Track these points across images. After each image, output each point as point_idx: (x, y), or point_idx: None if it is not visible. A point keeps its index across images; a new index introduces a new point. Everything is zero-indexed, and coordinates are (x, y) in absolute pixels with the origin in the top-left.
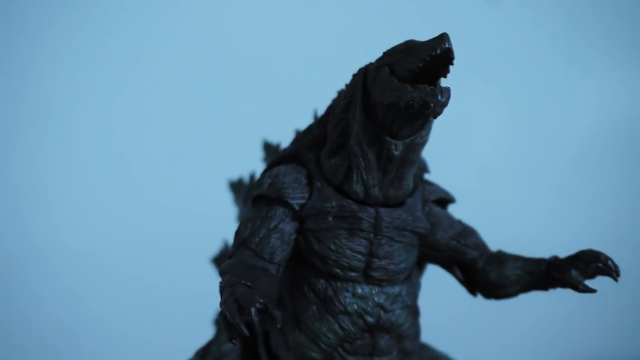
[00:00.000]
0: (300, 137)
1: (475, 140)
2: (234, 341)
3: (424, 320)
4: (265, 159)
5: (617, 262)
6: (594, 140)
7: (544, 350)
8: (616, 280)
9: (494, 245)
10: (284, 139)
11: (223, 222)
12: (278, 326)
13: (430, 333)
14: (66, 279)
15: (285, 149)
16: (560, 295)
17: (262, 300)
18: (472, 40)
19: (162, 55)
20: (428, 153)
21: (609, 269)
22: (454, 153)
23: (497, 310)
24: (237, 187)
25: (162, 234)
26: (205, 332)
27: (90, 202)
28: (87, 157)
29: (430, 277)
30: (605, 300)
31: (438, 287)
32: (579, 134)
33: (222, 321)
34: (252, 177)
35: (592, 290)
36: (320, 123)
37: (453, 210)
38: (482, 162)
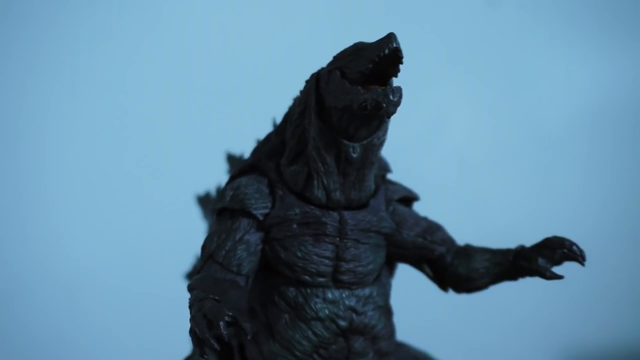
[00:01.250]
0: (260, 146)
1: (455, 131)
2: (205, 356)
3: (412, 319)
4: (230, 171)
5: (606, 251)
6: (575, 127)
7: (535, 346)
8: (582, 264)
9: (477, 237)
10: (247, 150)
11: (195, 236)
12: (249, 338)
13: (417, 331)
14: (65, 288)
15: (245, 160)
16: (551, 289)
17: (230, 314)
18: (447, 32)
19: (128, 66)
20: (409, 148)
21: (575, 254)
22: (434, 146)
23: (485, 306)
24: (205, 201)
25: (151, 245)
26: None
27: (83, 211)
28: (83, 164)
29: (414, 273)
30: (597, 293)
31: (423, 283)
32: (559, 121)
33: (192, 337)
34: (218, 190)
35: (559, 277)
36: (278, 131)
37: (435, 204)
38: (463, 154)
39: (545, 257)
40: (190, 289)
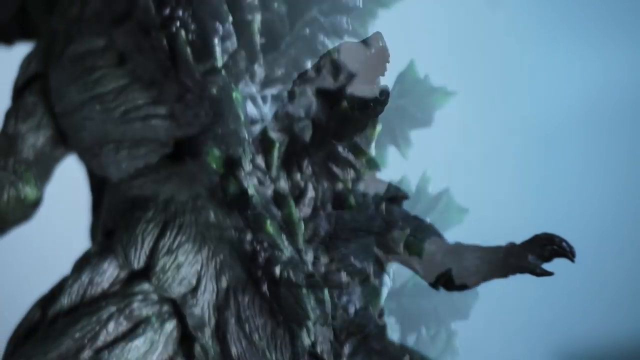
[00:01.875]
0: None
1: (449, 130)
2: None
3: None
4: None
5: (603, 249)
6: (570, 125)
7: (532, 345)
8: (572, 260)
9: (471, 236)
10: None
11: None
12: None
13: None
14: None
15: None
16: (548, 287)
17: None
18: (443, 31)
19: None
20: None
21: (564, 250)
22: (428, 145)
23: (480, 304)
24: None
25: None
26: None
27: (83, 211)
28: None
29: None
30: (594, 291)
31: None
32: (554, 119)
33: None
34: None
35: (550, 273)
36: None
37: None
38: (457, 153)
39: (535, 254)
40: None
